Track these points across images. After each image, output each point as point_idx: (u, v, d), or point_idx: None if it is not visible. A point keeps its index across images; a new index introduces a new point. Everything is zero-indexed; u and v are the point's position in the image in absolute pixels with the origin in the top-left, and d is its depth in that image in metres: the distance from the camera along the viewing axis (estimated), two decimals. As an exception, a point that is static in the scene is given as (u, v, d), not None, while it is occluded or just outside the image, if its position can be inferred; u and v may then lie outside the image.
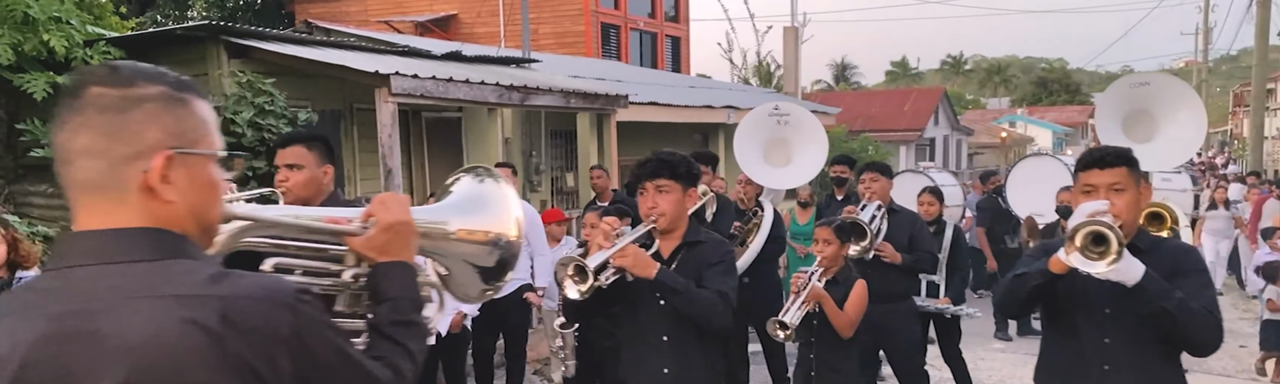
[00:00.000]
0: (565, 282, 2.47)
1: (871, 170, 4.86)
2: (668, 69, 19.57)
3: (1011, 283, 2.42)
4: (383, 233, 1.38)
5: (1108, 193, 2.35)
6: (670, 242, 2.77)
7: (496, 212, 1.55)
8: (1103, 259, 2.16)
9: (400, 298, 1.37)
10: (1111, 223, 2.18)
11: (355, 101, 6.91)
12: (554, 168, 10.13)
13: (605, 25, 18.24)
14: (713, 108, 10.43)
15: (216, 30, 5.77)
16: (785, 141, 6.57)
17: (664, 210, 2.68)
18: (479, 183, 1.59)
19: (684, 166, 2.72)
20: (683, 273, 2.63)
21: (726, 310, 2.62)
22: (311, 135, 2.94)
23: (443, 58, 7.64)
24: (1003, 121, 36.10)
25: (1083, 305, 2.41)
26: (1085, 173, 2.40)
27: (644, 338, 2.75)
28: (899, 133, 21.68)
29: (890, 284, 4.61)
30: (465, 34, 18.03)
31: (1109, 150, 2.41)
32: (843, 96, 25.58)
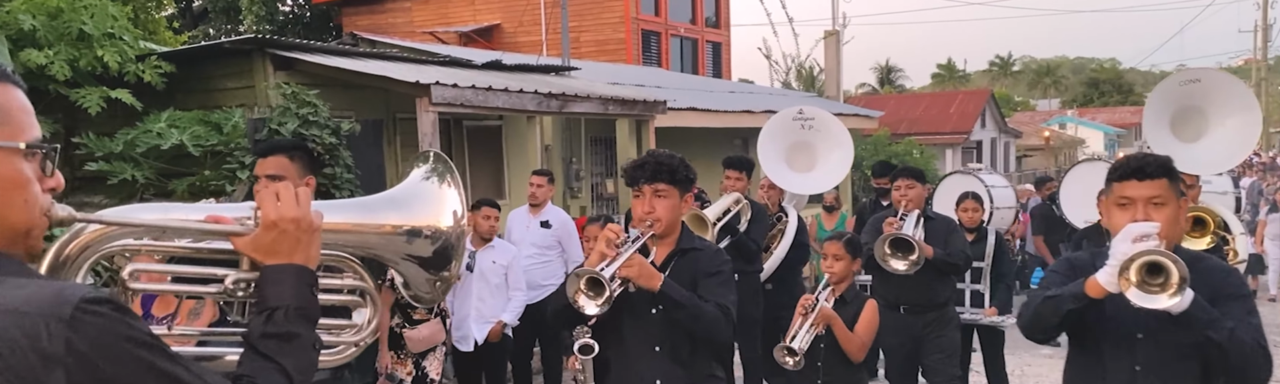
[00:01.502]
0: (579, 297, 2.33)
1: (906, 177, 4.68)
2: (709, 74, 19.56)
3: (1042, 306, 2.21)
4: (267, 231, 1.23)
5: (1146, 207, 2.14)
6: (664, 248, 2.66)
7: (426, 205, 1.47)
8: (1163, 292, 1.95)
9: (282, 307, 1.20)
10: (1167, 250, 1.98)
11: (397, 111, 7.02)
12: (594, 174, 10.18)
13: (646, 32, 18.30)
14: (753, 113, 10.40)
15: (262, 43, 5.91)
16: (809, 146, 6.47)
17: (660, 216, 2.55)
18: (423, 180, 1.53)
19: (682, 170, 2.59)
20: (676, 280, 2.52)
21: (728, 325, 2.51)
22: (294, 144, 2.88)
23: (483, 67, 7.74)
24: (1053, 123, 35.40)
25: (1112, 329, 2.22)
26: (1121, 184, 2.19)
27: (635, 349, 2.62)
28: (945, 136, 21.38)
29: (930, 293, 4.51)
30: (508, 43, 18.22)
31: (1149, 159, 2.21)
32: (887, 99, 25.32)
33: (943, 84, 53.76)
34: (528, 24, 18.59)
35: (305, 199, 1.28)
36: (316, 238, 1.28)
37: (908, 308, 4.54)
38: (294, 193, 1.28)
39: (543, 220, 5.57)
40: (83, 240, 1.20)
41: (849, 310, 3.45)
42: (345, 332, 1.48)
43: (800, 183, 6.46)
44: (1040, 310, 2.22)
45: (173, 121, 5.40)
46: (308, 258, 1.26)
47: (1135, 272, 1.98)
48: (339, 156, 5.52)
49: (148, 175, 5.28)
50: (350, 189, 5.63)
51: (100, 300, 0.94)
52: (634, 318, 2.59)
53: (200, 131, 5.32)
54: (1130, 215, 2.15)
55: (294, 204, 1.26)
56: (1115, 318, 2.19)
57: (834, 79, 15.32)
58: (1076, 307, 2.13)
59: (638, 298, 2.51)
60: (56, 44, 5.35)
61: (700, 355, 2.61)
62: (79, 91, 5.38)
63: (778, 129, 6.50)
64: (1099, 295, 2.09)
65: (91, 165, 5.26)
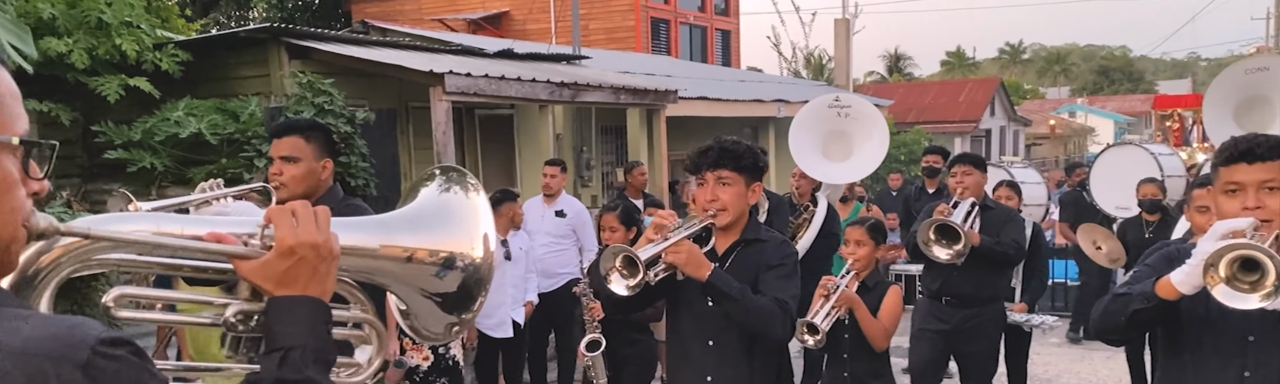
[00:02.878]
0: (612, 275, 2.22)
1: (965, 162, 4.34)
2: (718, 63, 19.53)
3: (1111, 303, 2.01)
4: (283, 258, 1.05)
5: (1259, 193, 1.91)
6: (726, 239, 2.50)
7: (457, 227, 1.27)
8: (1256, 291, 1.73)
9: (296, 347, 1.03)
10: (1263, 244, 1.75)
11: (410, 100, 7.06)
12: (604, 163, 10.23)
13: (655, 20, 18.27)
14: (763, 102, 10.41)
15: (277, 32, 5.95)
16: (845, 135, 6.32)
17: (725, 204, 2.40)
18: (443, 191, 1.33)
19: (749, 157, 2.44)
20: (736, 273, 2.38)
21: (785, 320, 2.34)
22: (310, 125, 2.77)
23: (495, 56, 7.77)
24: (1062, 111, 35.26)
25: (1216, 332, 1.99)
26: (1229, 168, 1.94)
27: (687, 342, 2.51)
28: (954, 124, 21.35)
29: (980, 287, 4.21)
30: (517, 31, 18.20)
31: (1259, 140, 1.94)
32: (896, 88, 25.25)
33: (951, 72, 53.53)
34: (537, 11, 18.57)
35: (325, 220, 1.10)
36: (334, 267, 1.10)
37: (950, 300, 4.25)
38: (313, 213, 1.10)
39: (557, 210, 5.62)
40: (57, 253, 1.00)
41: (872, 297, 3.35)
42: (345, 371, 1.28)
43: (835, 172, 6.31)
44: (1109, 309, 2.01)
45: (190, 110, 5.46)
46: (324, 290, 1.09)
47: (1226, 266, 1.75)
48: (354, 145, 5.58)
49: (166, 163, 5.34)
50: (365, 178, 5.69)
51: (119, 342, 0.81)
52: (690, 310, 2.48)
53: (217, 120, 5.38)
54: (1240, 203, 1.91)
55: (314, 227, 1.08)
56: (1222, 318, 1.95)
57: (844, 67, 15.30)
58: (1145, 307, 1.91)
59: (692, 289, 2.38)
60: (75, 32, 5.41)
61: (758, 352, 2.46)
62: (98, 80, 5.44)
63: (812, 117, 6.36)
64: (1171, 297, 1.87)
65: (111, 153, 5.33)
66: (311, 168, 2.62)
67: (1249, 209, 1.90)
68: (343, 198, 2.76)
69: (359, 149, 5.60)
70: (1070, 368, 6.49)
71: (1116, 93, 49.20)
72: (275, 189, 2.60)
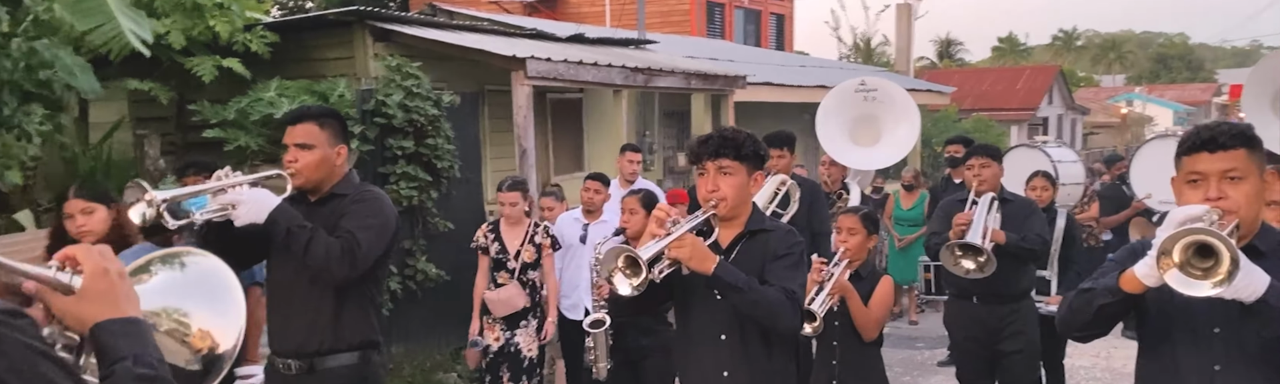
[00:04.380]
0: (615, 276, 2.16)
1: (981, 155, 4.24)
2: (771, 47, 19.39)
3: (1076, 299, 1.96)
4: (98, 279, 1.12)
5: (1220, 182, 1.86)
6: (730, 230, 2.43)
7: (228, 308, 1.28)
8: (1208, 278, 1.69)
9: (142, 353, 1.09)
10: (1218, 231, 1.71)
11: (487, 84, 7.13)
12: (666, 148, 10.26)
13: (711, 3, 18.15)
14: (826, 88, 10.33)
15: (363, 15, 6.03)
16: (874, 119, 6.16)
17: (725, 195, 2.33)
18: (191, 261, 1.32)
19: (750, 146, 2.37)
20: (742, 265, 2.31)
21: (794, 310, 2.30)
22: (324, 111, 2.74)
23: (567, 40, 7.80)
24: (1119, 100, 34.50)
25: (1185, 324, 1.95)
26: (1191, 157, 1.90)
27: (700, 337, 2.44)
28: (1011, 112, 21.00)
29: (1008, 282, 4.11)
30: (572, 13, 18.21)
31: (1222, 128, 1.91)
32: (951, 74, 24.87)
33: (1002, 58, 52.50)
34: (592, -7, 18.57)
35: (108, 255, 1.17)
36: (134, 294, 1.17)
37: (981, 297, 4.16)
38: (99, 250, 1.17)
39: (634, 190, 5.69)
40: None
41: (864, 286, 3.32)
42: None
43: (865, 158, 6.16)
44: (1074, 304, 1.97)
45: (281, 91, 5.57)
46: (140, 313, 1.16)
47: (1180, 252, 1.71)
48: (440, 128, 5.67)
49: (259, 143, 5.47)
50: (450, 160, 5.79)
51: (14, 312, 0.91)
52: (700, 304, 2.42)
53: (308, 101, 5.48)
54: (1202, 193, 1.87)
55: (104, 256, 1.16)
56: (1188, 311, 1.92)
57: (905, 53, 15.12)
58: (1110, 302, 1.88)
59: (698, 283, 2.32)
60: (172, 14, 5.53)
61: (774, 345, 2.41)
62: (193, 60, 5.57)
63: (838, 102, 6.23)
64: (1136, 290, 1.83)
65: (208, 132, 5.47)
66: (326, 155, 2.59)
67: (1211, 199, 1.86)
68: (360, 184, 2.73)
69: (445, 132, 5.68)
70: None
71: (1175, 81, 47.96)
72: (291, 176, 2.57)
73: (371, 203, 2.63)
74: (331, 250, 2.45)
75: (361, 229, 2.52)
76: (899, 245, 7.36)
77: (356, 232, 2.51)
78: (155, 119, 6.36)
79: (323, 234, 2.47)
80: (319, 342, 2.60)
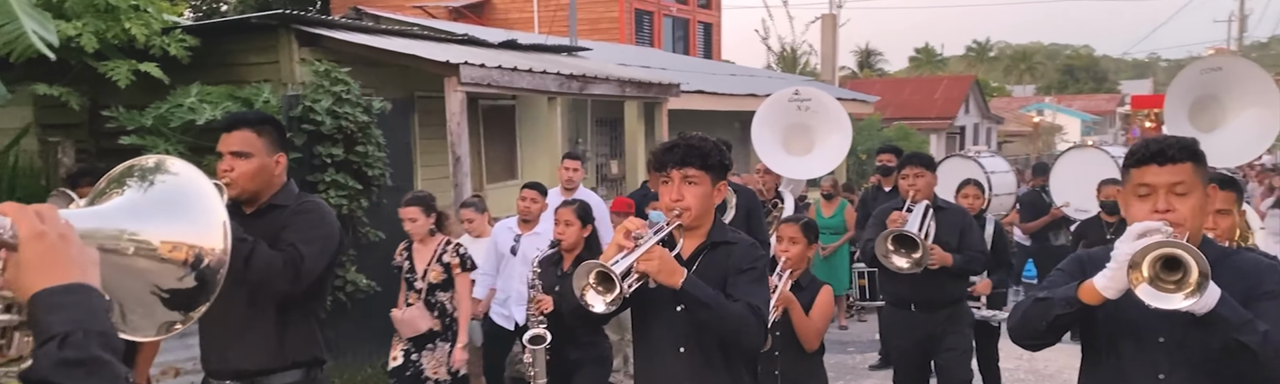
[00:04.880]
0: (587, 292, 2.10)
1: (915, 164, 4.26)
2: (700, 55, 19.57)
3: (1031, 308, 1.97)
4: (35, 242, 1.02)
5: (1168, 196, 1.89)
6: (692, 241, 2.38)
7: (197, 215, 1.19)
8: (1179, 291, 1.71)
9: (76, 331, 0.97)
10: (1185, 243, 1.74)
11: (417, 90, 6.99)
12: (599, 155, 10.23)
13: (639, 11, 18.24)
14: (757, 96, 10.47)
15: (288, 19, 5.85)
16: (807, 129, 6.19)
17: (690, 205, 2.29)
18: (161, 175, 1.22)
19: (717, 155, 2.33)
20: (703, 277, 2.26)
21: (759, 327, 2.26)
22: (262, 117, 2.60)
23: (500, 46, 7.72)
24: (1030, 110, 35.84)
25: (1131, 334, 1.97)
26: (1140, 169, 1.93)
27: (658, 350, 2.39)
28: (930, 121, 21.61)
29: (941, 290, 4.17)
30: (499, 20, 18.08)
31: (1170, 142, 1.93)
32: (872, 84, 25.49)
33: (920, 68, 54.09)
34: (519, 0, 18.46)
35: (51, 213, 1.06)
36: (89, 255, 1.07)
37: (919, 305, 4.20)
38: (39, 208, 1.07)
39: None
40: None
41: (804, 296, 3.30)
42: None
43: (797, 167, 6.17)
44: (1029, 313, 1.97)
45: (202, 96, 5.36)
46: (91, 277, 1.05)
47: (1149, 266, 1.73)
48: (371, 135, 5.53)
49: (180, 150, 5.24)
50: (381, 168, 5.65)
51: None
52: (658, 316, 2.37)
53: (232, 107, 5.28)
54: (1150, 206, 1.90)
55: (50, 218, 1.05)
56: (1134, 321, 1.94)
57: (830, 62, 15.43)
58: (1067, 312, 1.89)
59: (660, 295, 2.28)
60: (84, 15, 5.27)
61: (733, 361, 2.37)
62: (108, 64, 5.31)
63: (772, 111, 6.23)
64: (1094, 302, 1.85)
65: (124, 139, 5.22)
66: (264, 163, 2.46)
67: (1159, 212, 1.89)
68: (299, 194, 2.59)
69: (376, 139, 5.55)
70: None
71: (1081, 92, 50.09)
72: (226, 186, 2.42)
73: (314, 214, 2.52)
74: (273, 264, 2.33)
75: (304, 242, 2.41)
76: (823, 254, 7.48)
77: (299, 244, 2.40)
78: (65, 126, 6.04)
79: (264, 247, 2.36)
80: (260, 361, 2.49)
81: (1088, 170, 7.56)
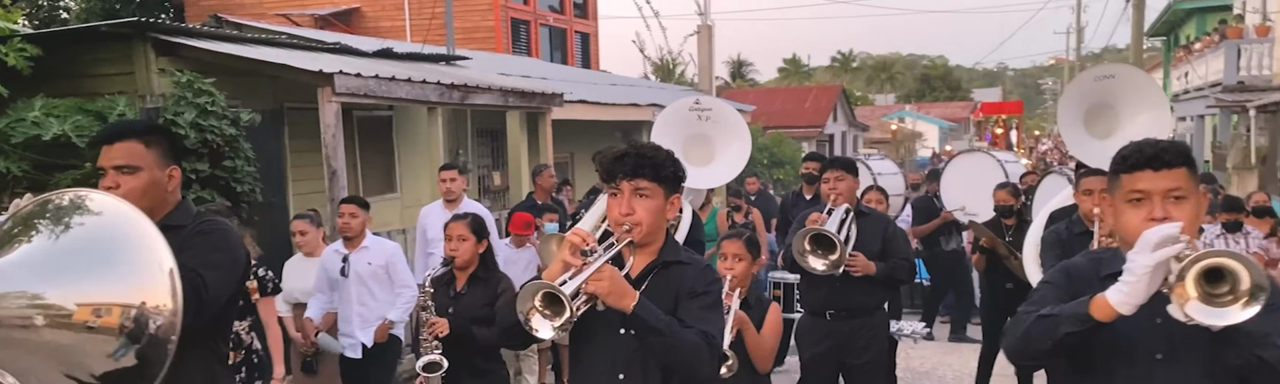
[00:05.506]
0: (532, 316, 1.91)
1: (836, 168, 4.20)
2: (577, 65, 19.57)
3: (1034, 326, 1.81)
4: None
5: (1164, 202, 1.78)
6: (641, 258, 2.21)
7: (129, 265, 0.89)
8: (1235, 302, 1.56)
9: None
10: (1230, 250, 1.63)
11: (286, 101, 6.69)
12: (480, 166, 10.03)
13: (516, 20, 18.09)
14: (639, 106, 10.53)
15: (144, 27, 5.49)
16: (707, 138, 6.07)
17: (640, 219, 2.11)
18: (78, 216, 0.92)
19: (670, 166, 2.17)
20: (652, 299, 2.08)
21: (713, 357, 2.09)
22: (149, 127, 2.34)
23: (374, 55, 7.48)
24: (892, 117, 37.55)
25: (1125, 351, 1.84)
26: (1132, 175, 1.81)
27: (594, 375, 2.20)
28: (801, 129, 22.33)
29: (863, 297, 4.10)
30: (369, 28, 17.56)
31: (1164, 146, 1.82)
32: (745, 93, 26.14)
33: (788, 78, 55.87)
34: (390, 8, 17.98)
35: None
36: None
37: (835, 313, 4.14)
38: None
39: (459, 213, 5.41)
40: None
41: (754, 316, 3.14)
42: None
43: (699, 177, 6.16)
44: (1031, 332, 1.81)
45: (48, 110, 4.95)
46: None
47: (1194, 282, 1.58)
48: (240, 149, 5.24)
49: (24, 168, 4.82)
50: (251, 183, 5.35)
51: None
52: (598, 339, 2.17)
53: (82, 121, 4.90)
54: (1145, 213, 1.79)
55: None
56: (1127, 336, 1.81)
57: (707, 73, 15.70)
58: (1077, 330, 1.74)
59: (604, 317, 2.09)
60: (-95, 22, 4.79)
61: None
62: (-66, 75, 4.84)
63: (673, 120, 6.12)
64: (1108, 318, 1.70)
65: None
66: (155, 178, 2.18)
67: (1155, 220, 1.77)
68: (197, 214, 2.32)
69: (244, 153, 5.25)
70: (944, 361, 6.92)
71: (938, 100, 52.80)
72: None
73: (215, 235, 2.22)
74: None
75: (206, 267, 2.08)
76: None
77: (201, 270, 2.05)
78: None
79: None
80: None
81: (975, 175, 7.77)
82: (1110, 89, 5.10)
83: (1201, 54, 16.73)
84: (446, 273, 3.68)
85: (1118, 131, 5.05)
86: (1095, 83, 5.16)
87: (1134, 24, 16.00)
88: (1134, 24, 16.00)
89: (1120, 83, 5.07)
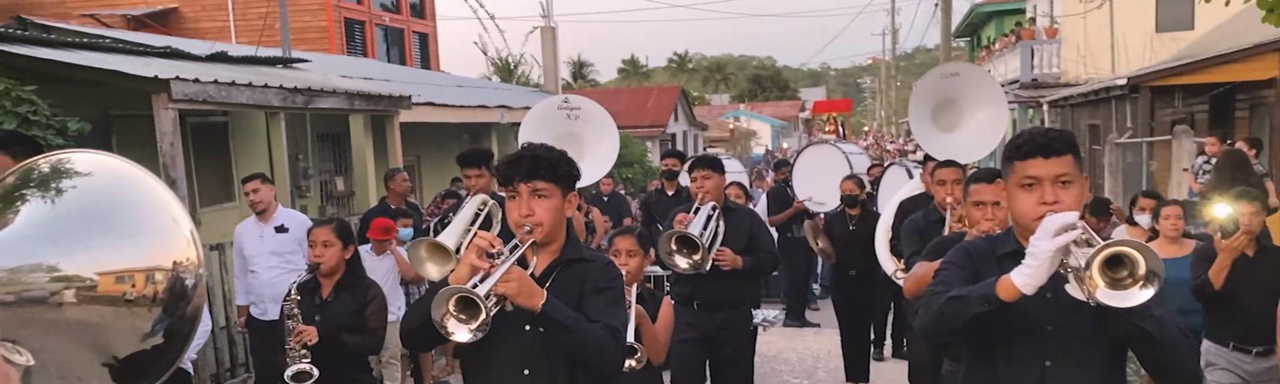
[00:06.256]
0: (448, 321, 1.95)
1: (702, 167, 4.30)
2: (417, 66, 19.22)
3: (945, 306, 1.93)
4: None
5: (1053, 187, 1.94)
6: (544, 258, 2.28)
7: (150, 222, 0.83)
8: (1135, 284, 1.70)
9: None
10: (1133, 240, 1.75)
11: (112, 108, 6.32)
12: (323, 172, 9.76)
13: (349, 21, 17.56)
14: (487, 108, 10.54)
15: (-53, 29, 5.08)
16: (577, 137, 6.08)
17: (541, 219, 2.18)
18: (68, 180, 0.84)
19: (565, 166, 2.24)
20: (558, 296, 2.14)
21: (619, 350, 2.19)
22: (12, 137, 2.28)
23: (207, 59, 7.17)
24: (728, 117, 38.89)
25: (1021, 325, 1.99)
26: (1025, 162, 1.96)
27: (499, 372, 2.25)
28: (645, 129, 22.82)
29: (729, 290, 4.26)
30: (188, 29, 16.60)
31: (1053, 134, 1.97)
32: (588, 94, 26.34)
33: (628, 79, 56.76)
34: (211, 8, 17.06)
35: None
36: None
37: (701, 304, 4.29)
38: None
39: (277, 225, 5.12)
40: None
41: (648, 309, 3.24)
42: None
43: None
44: (944, 311, 1.94)
45: None
46: None
47: (1098, 267, 1.71)
48: (68, 159, 4.93)
49: None
50: (82, 195, 5.05)
51: None
52: (503, 337, 2.19)
53: (-118, 132, 4.48)
54: (1037, 196, 1.95)
55: None
56: (1023, 311, 1.94)
57: (552, 74, 15.82)
58: (986, 310, 1.87)
59: (508, 315, 2.13)
60: None
61: (578, 379, 2.24)
62: None
63: (542, 119, 6.14)
64: (1013, 298, 1.83)
65: None
66: None
67: (1046, 203, 1.93)
68: None
69: (74, 164, 4.95)
70: (789, 345, 7.37)
71: (769, 99, 55.06)
72: None
73: None
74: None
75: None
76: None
77: None
78: None
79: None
80: None
81: (823, 167, 8.18)
82: (955, 86, 5.36)
83: (1000, 54, 18.38)
84: (311, 280, 3.60)
85: (960, 125, 5.33)
86: (942, 80, 5.42)
87: (943, 26, 17.35)
88: (943, 26, 17.35)
89: (964, 80, 5.36)
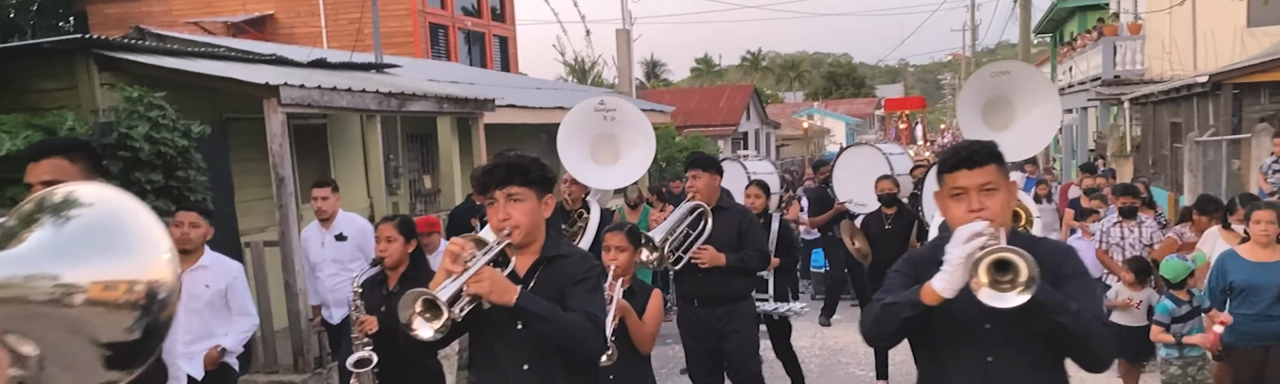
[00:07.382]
0: (414, 320, 2.09)
1: (693, 166, 4.47)
2: (497, 68, 19.79)
3: (881, 313, 2.12)
4: None
5: (979, 195, 2.12)
6: (526, 257, 2.42)
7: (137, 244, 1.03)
8: (1013, 289, 1.89)
9: None
10: (1013, 247, 1.93)
11: (226, 112, 6.86)
12: (411, 170, 10.27)
13: (433, 25, 18.22)
14: (564, 109, 10.89)
15: (86, 43, 5.63)
16: (613, 138, 6.08)
17: (518, 222, 2.32)
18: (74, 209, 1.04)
19: (537, 170, 2.38)
20: (542, 293, 2.30)
21: (598, 335, 2.31)
22: (72, 144, 2.44)
23: (309, 65, 7.68)
24: (802, 115, 38.72)
25: (960, 323, 2.15)
26: (952, 174, 2.15)
27: (500, 368, 2.39)
28: (717, 128, 23.02)
29: (725, 285, 4.40)
30: (284, 35, 17.46)
31: (975, 148, 2.16)
32: (661, 94, 26.71)
33: (701, 78, 56.84)
34: (305, 14, 17.90)
35: None
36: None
37: (702, 301, 4.45)
38: None
39: (336, 233, 5.32)
40: None
41: (637, 302, 3.39)
42: None
43: (604, 176, 6.07)
44: (879, 318, 2.12)
45: (-2, 125, 5.07)
46: None
47: (985, 271, 1.90)
48: (192, 160, 5.44)
49: (-22, 183, 4.93)
50: (203, 192, 5.55)
51: None
52: (499, 336, 2.38)
53: (35, 136, 5.03)
54: (965, 205, 2.13)
55: None
56: (960, 310, 2.08)
57: (626, 75, 16.17)
58: (914, 314, 2.05)
59: (499, 314, 2.28)
60: None
61: (575, 374, 2.40)
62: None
63: (579, 121, 6.13)
64: (935, 302, 2.02)
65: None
66: None
67: (974, 211, 2.10)
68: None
69: (197, 163, 5.46)
70: (856, 338, 7.38)
71: (844, 97, 54.47)
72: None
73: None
74: None
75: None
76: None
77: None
78: None
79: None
80: None
81: (863, 167, 8.13)
82: (1006, 84, 5.37)
83: (1083, 50, 17.98)
84: (378, 273, 3.85)
85: (1014, 123, 5.34)
86: (992, 78, 5.43)
87: (1022, 22, 17.10)
88: (1022, 22, 17.10)
89: (1015, 78, 5.36)
